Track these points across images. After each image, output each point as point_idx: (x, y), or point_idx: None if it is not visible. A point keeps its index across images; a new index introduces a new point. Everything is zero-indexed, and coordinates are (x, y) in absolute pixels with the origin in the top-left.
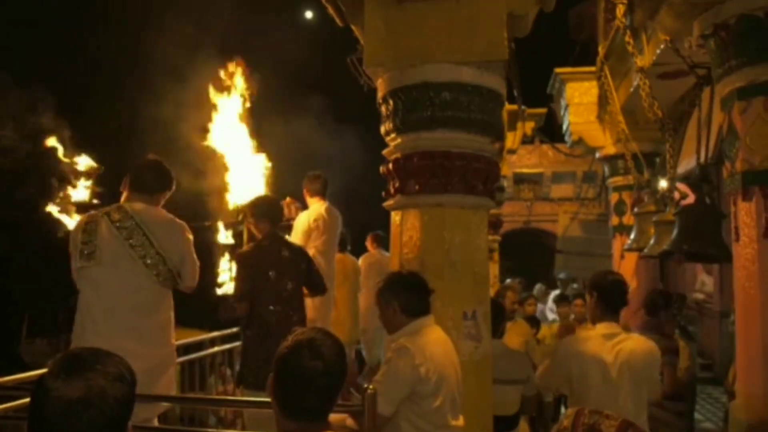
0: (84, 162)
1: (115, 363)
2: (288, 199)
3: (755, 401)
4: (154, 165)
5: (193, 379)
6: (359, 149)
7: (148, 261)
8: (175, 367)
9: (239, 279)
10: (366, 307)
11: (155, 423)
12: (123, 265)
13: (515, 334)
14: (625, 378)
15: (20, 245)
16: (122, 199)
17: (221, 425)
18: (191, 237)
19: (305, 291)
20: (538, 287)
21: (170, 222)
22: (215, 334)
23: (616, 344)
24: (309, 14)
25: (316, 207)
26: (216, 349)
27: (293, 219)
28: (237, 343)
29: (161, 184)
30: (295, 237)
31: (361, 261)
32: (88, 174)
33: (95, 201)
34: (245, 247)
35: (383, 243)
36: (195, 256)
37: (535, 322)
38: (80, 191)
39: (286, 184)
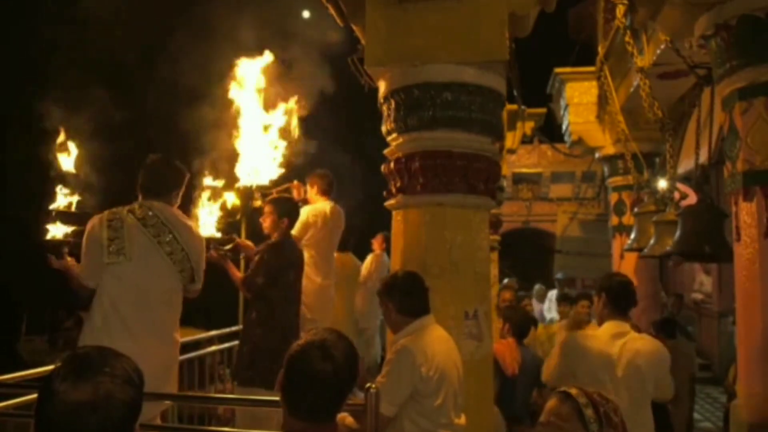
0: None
1: (123, 365)
2: (295, 182)
3: (756, 401)
4: (159, 165)
5: (192, 377)
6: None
7: (176, 257)
8: (177, 365)
9: (271, 266)
10: (366, 308)
11: (157, 421)
12: (152, 261)
13: None
14: (630, 376)
15: (20, 241)
16: (140, 198)
17: (218, 424)
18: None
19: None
20: (537, 287)
21: (189, 223)
22: (213, 333)
23: (624, 343)
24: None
25: (322, 205)
26: (214, 348)
27: (301, 201)
28: (235, 342)
29: (170, 183)
30: (294, 228)
31: (368, 261)
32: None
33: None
34: (272, 240)
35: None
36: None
37: (532, 322)
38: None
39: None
